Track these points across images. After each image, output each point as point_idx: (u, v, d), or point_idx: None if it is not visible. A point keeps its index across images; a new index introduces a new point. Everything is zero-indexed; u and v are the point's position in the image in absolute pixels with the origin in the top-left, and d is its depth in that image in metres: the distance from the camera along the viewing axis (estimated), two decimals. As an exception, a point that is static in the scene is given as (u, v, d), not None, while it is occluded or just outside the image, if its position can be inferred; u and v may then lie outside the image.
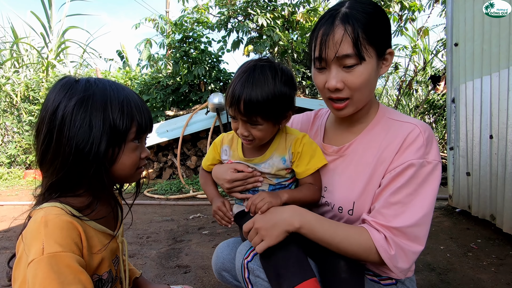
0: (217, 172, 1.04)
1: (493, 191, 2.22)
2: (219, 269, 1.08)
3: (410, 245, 0.77)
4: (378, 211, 0.80)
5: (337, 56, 0.79)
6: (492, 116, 2.22)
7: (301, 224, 0.79)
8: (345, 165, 0.92)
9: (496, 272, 1.68)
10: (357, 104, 0.86)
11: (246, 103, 0.83)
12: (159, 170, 5.33)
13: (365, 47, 0.78)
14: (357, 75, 0.80)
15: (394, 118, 0.90)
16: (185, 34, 5.92)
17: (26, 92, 6.94)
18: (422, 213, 0.77)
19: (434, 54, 7.04)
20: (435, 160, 0.81)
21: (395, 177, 0.80)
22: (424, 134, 0.82)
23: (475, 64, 2.43)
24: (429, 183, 0.79)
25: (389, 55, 0.86)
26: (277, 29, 5.32)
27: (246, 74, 0.85)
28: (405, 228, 0.76)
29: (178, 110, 5.97)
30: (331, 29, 0.79)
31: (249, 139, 0.90)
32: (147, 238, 2.47)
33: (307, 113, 1.14)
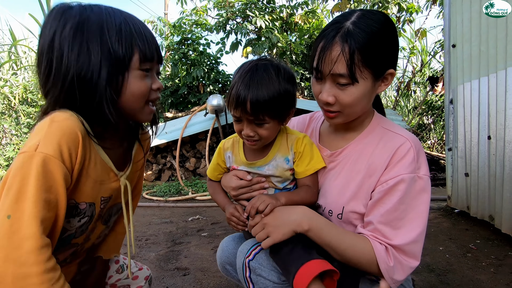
0: (224, 180, 1.05)
1: (491, 191, 2.23)
2: (223, 263, 1.08)
3: (408, 261, 0.80)
4: (376, 228, 0.81)
5: (331, 73, 0.80)
6: (490, 117, 2.23)
7: (310, 227, 0.81)
8: (337, 170, 0.94)
9: (495, 272, 1.68)
10: (348, 117, 0.88)
11: (253, 103, 0.82)
12: (158, 172, 5.32)
13: (360, 69, 0.78)
14: (348, 94, 0.81)
15: (387, 128, 0.91)
16: (184, 36, 5.93)
17: (24, 95, 6.93)
18: (419, 230, 0.80)
19: (432, 55, 7.08)
20: (426, 175, 0.83)
21: (388, 192, 0.81)
22: (415, 149, 0.83)
23: (473, 65, 2.44)
24: (422, 199, 0.81)
25: (390, 76, 0.85)
26: (275, 31, 5.34)
27: (249, 74, 0.85)
28: (404, 245, 0.79)
29: (177, 111, 5.97)
30: (330, 44, 0.79)
31: (255, 140, 0.90)
32: (146, 240, 2.46)
33: (303, 116, 1.16)
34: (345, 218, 0.89)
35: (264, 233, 0.81)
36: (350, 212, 0.88)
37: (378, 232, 0.80)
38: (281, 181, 0.98)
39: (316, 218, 0.83)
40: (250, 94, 0.82)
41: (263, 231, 0.82)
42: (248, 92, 0.82)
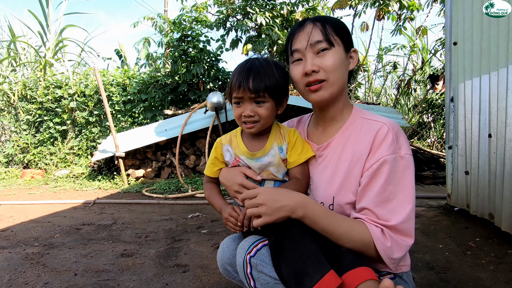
0: (226, 175, 1.06)
1: (491, 190, 2.22)
2: (224, 264, 1.09)
3: (404, 239, 0.83)
4: (370, 210, 0.84)
5: (310, 44, 0.91)
6: (491, 115, 2.23)
7: (304, 214, 0.83)
8: (325, 163, 0.99)
9: (495, 270, 1.68)
10: (332, 87, 0.93)
11: (255, 81, 0.92)
12: (158, 169, 5.31)
13: (333, 36, 0.91)
14: (329, 58, 0.91)
15: (366, 117, 0.97)
16: (184, 33, 5.91)
17: (23, 91, 6.91)
18: (409, 207, 0.83)
19: (433, 53, 7.06)
20: (407, 153, 0.87)
21: (374, 175, 0.85)
22: (393, 130, 0.88)
23: (474, 63, 2.43)
24: (407, 177, 0.85)
25: (354, 53, 0.98)
26: (276, 28, 5.32)
27: (249, 63, 0.96)
28: (399, 224, 0.82)
29: (177, 109, 5.96)
30: (303, 26, 0.94)
31: (254, 120, 0.95)
32: (145, 237, 2.46)
33: (292, 120, 1.22)
34: (336, 208, 0.92)
35: (256, 212, 0.84)
36: (341, 201, 0.91)
37: (372, 215, 0.84)
38: (280, 171, 1.02)
39: (312, 206, 0.85)
40: (252, 74, 0.93)
41: (257, 210, 0.84)
42: (250, 73, 0.93)
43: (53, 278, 1.73)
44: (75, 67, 9.33)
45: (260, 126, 0.99)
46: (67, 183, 5.35)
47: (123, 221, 2.94)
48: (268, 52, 5.75)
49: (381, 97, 9.02)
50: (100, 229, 2.71)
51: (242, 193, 0.99)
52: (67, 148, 6.74)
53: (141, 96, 6.49)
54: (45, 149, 6.75)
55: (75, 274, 1.78)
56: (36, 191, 4.73)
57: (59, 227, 2.77)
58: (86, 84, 6.83)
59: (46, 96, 6.80)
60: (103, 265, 1.90)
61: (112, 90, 6.65)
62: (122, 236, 2.49)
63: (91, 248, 2.23)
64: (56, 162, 6.63)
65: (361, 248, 0.82)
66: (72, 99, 6.72)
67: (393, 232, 0.82)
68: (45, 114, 6.89)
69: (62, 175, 6.04)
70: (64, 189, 4.90)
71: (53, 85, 6.83)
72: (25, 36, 8.82)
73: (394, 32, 6.41)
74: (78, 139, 6.79)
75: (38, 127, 7.00)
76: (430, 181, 4.57)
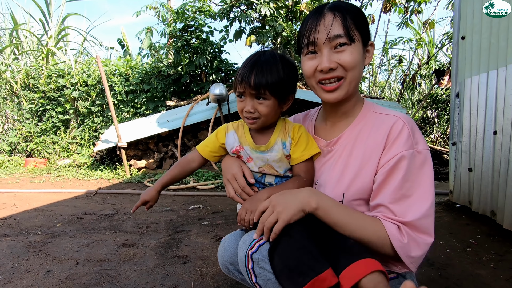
0: (227, 161, 1.05)
1: (494, 187, 2.21)
2: (225, 262, 1.07)
3: (422, 237, 0.78)
4: (386, 207, 0.80)
5: (328, 37, 0.84)
6: (497, 111, 2.19)
7: (318, 204, 0.80)
8: (335, 159, 0.95)
9: (495, 268, 1.68)
10: (349, 85, 0.89)
11: (256, 77, 0.89)
12: (160, 161, 5.33)
13: (354, 30, 0.85)
14: (348, 54, 0.85)
15: (378, 111, 0.93)
16: (187, 23, 5.84)
17: (26, 80, 6.89)
18: (428, 204, 0.79)
19: (439, 47, 6.94)
20: (425, 148, 0.83)
21: (391, 171, 0.81)
22: (408, 125, 0.84)
23: (482, 58, 2.38)
24: (425, 173, 0.81)
25: (371, 47, 0.92)
26: (280, 19, 5.23)
27: (255, 58, 0.94)
28: (416, 221, 0.78)
29: (179, 100, 5.94)
30: (321, 16, 0.86)
31: (254, 117, 0.94)
32: (147, 228, 2.48)
33: (298, 114, 1.18)
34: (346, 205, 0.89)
35: (273, 217, 0.80)
36: (351, 198, 0.88)
37: (388, 212, 0.80)
38: (282, 167, 1.00)
39: (324, 197, 0.83)
40: (255, 70, 0.91)
41: (273, 215, 0.80)
42: (253, 69, 0.91)
43: (55, 267, 1.75)
44: (77, 56, 9.29)
45: (261, 123, 0.96)
46: (69, 172, 5.39)
47: (125, 211, 2.96)
48: (272, 44, 5.67)
49: (385, 91, 8.93)
50: (102, 219, 2.73)
51: (231, 183, 0.99)
52: (70, 137, 6.76)
53: (143, 86, 6.46)
54: (48, 138, 6.78)
55: (76, 263, 1.80)
56: (39, 180, 4.77)
57: (61, 216, 2.79)
58: (88, 73, 6.80)
59: (48, 85, 6.79)
60: (105, 255, 1.92)
61: (114, 80, 6.63)
62: (124, 226, 2.51)
63: (92, 237, 2.25)
64: (58, 151, 6.66)
65: (377, 243, 0.77)
66: (74, 88, 6.70)
67: (410, 229, 0.77)
68: (47, 103, 6.89)
69: (65, 164, 6.08)
70: (66, 178, 4.93)
71: (55, 74, 6.81)
72: (27, 23, 8.76)
73: (401, 25, 6.30)
74: (80, 129, 6.80)
75: (40, 116, 7.01)
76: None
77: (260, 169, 1.01)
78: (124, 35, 9.03)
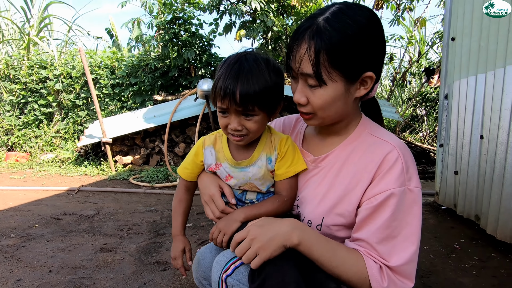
0: (204, 180, 0.97)
1: (479, 191, 2.20)
2: (199, 277, 1.02)
3: (403, 282, 0.74)
4: (370, 245, 0.75)
5: (300, 72, 0.77)
6: (484, 116, 2.18)
7: (300, 240, 0.74)
8: (320, 177, 0.88)
9: (477, 275, 1.68)
10: (323, 120, 0.82)
11: (243, 92, 0.77)
12: (146, 157, 5.21)
13: (327, 70, 0.73)
14: (317, 97, 0.77)
15: (374, 134, 0.85)
16: (175, 15, 5.66)
17: (6, 70, 6.60)
18: (413, 248, 0.74)
19: (430, 45, 6.95)
20: (417, 187, 0.77)
21: (378, 208, 0.75)
22: (403, 158, 0.77)
23: (471, 61, 2.36)
24: (414, 213, 0.75)
25: (369, 79, 0.78)
26: (271, 14, 5.12)
27: (237, 64, 0.80)
28: (399, 266, 0.73)
29: (167, 94, 5.79)
30: (300, 41, 0.75)
31: (242, 134, 0.84)
32: (128, 230, 2.40)
33: (289, 116, 1.09)
34: (324, 230, 0.83)
35: (252, 252, 0.73)
36: (330, 224, 0.82)
37: (372, 250, 0.75)
38: (265, 184, 0.92)
39: (307, 231, 0.77)
40: (240, 83, 0.77)
41: (251, 249, 0.73)
42: (238, 81, 0.77)
43: (26, 275, 1.66)
44: (62, 46, 8.95)
45: (249, 139, 0.87)
46: (52, 168, 5.22)
47: (107, 211, 2.87)
48: (263, 38, 5.57)
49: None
50: (82, 219, 2.63)
51: (208, 205, 0.93)
52: (53, 131, 6.55)
53: (130, 79, 6.28)
54: (30, 132, 6.55)
55: (50, 270, 1.72)
56: (19, 176, 4.60)
57: (39, 217, 2.68)
58: (72, 65, 6.56)
59: (30, 77, 6.53)
60: (80, 261, 1.84)
61: (99, 72, 6.41)
62: (104, 228, 2.42)
63: (70, 241, 2.16)
64: (41, 145, 6.45)
65: (357, 282, 0.74)
66: (57, 80, 6.46)
67: (393, 272, 0.74)
68: (29, 95, 6.64)
69: (48, 159, 5.89)
70: (48, 174, 4.77)
71: (37, 65, 6.54)
72: (7, 11, 8.36)
73: (393, 22, 6.26)
74: (64, 122, 6.58)
75: (22, 108, 6.75)
76: (419, 176, 4.58)
77: (241, 187, 0.94)
78: (113, 24, 8.74)
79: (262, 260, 0.71)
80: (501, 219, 1.94)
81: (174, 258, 1.02)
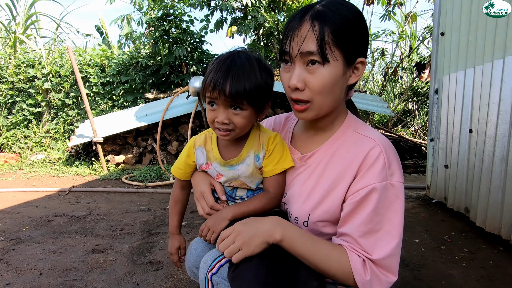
0: (196, 178, 1.00)
1: (469, 185, 2.24)
2: (191, 266, 1.04)
3: (387, 275, 0.75)
4: (354, 239, 0.77)
5: (300, 52, 0.76)
6: (473, 110, 2.20)
7: (282, 237, 0.76)
8: (306, 175, 0.89)
9: (467, 267, 1.71)
10: (318, 110, 0.81)
11: (233, 85, 0.79)
12: (139, 156, 5.15)
13: (331, 48, 0.74)
14: (318, 77, 0.76)
15: (358, 131, 0.86)
16: (165, 12, 5.58)
17: (-9, 70, 6.43)
18: (395, 242, 0.75)
19: (421, 40, 7.00)
20: (399, 182, 0.78)
21: (360, 202, 0.77)
22: (385, 153, 0.78)
23: (460, 56, 2.38)
24: (396, 208, 0.77)
25: (361, 64, 0.81)
26: (262, 10, 5.08)
27: (229, 60, 0.82)
28: (382, 259, 0.74)
29: (159, 92, 5.73)
30: (299, 23, 0.76)
31: (228, 129, 0.85)
32: (120, 230, 2.38)
33: (279, 116, 1.11)
34: (311, 227, 0.85)
35: (235, 247, 0.75)
36: (316, 220, 0.84)
37: (355, 244, 0.77)
38: (254, 181, 0.94)
39: (290, 228, 0.78)
40: (230, 76, 0.79)
41: (234, 244, 0.75)
42: (228, 75, 0.79)
43: (16, 278, 1.64)
44: (50, 44, 8.77)
45: (235, 135, 0.88)
46: (42, 169, 5.13)
47: (99, 212, 2.84)
48: (255, 35, 5.54)
49: (368, 83, 9.00)
50: (73, 221, 2.60)
51: (200, 202, 0.96)
52: (43, 131, 6.43)
53: (120, 78, 6.19)
54: (19, 132, 6.41)
55: (40, 273, 1.69)
56: (8, 177, 4.51)
57: (29, 219, 2.64)
58: (61, 63, 6.43)
59: (17, 76, 6.38)
60: (72, 263, 1.82)
61: (89, 71, 6.30)
62: (96, 229, 2.39)
63: (61, 243, 2.13)
64: (31, 146, 6.33)
65: (341, 277, 0.75)
66: (46, 79, 6.33)
67: (376, 266, 0.75)
68: (17, 94, 6.49)
69: (38, 159, 5.79)
70: (39, 175, 4.70)
71: (24, 64, 6.40)
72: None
73: (384, 17, 6.28)
74: (54, 122, 6.47)
75: (10, 108, 6.60)
76: (411, 169, 4.64)
77: (231, 184, 0.95)
78: (103, 21, 8.56)
79: (243, 255, 0.74)
80: (489, 211, 1.98)
81: (170, 253, 1.09)
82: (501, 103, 1.89)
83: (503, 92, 1.87)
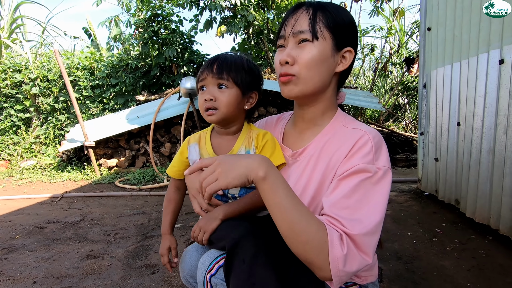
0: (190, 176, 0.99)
1: (458, 177, 2.29)
2: (186, 276, 1.02)
3: (361, 255, 0.71)
4: (331, 215, 0.73)
5: (292, 32, 0.82)
6: (460, 103, 2.25)
7: (266, 175, 0.68)
8: (299, 171, 0.90)
9: (458, 258, 1.75)
10: (303, 85, 0.83)
11: (220, 63, 0.91)
12: (132, 158, 5.11)
13: (321, 28, 0.81)
14: (307, 51, 0.81)
15: (348, 126, 0.88)
16: (154, 12, 5.52)
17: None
18: (375, 221, 0.72)
19: (409, 35, 7.08)
20: (385, 166, 0.77)
21: (342, 180, 0.76)
22: (373, 140, 0.79)
23: (447, 50, 2.42)
24: (379, 190, 0.75)
25: (349, 53, 0.86)
26: (251, 8, 5.07)
27: (219, 54, 0.94)
28: (360, 236, 0.70)
29: (150, 94, 5.69)
30: (295, 10, 0.85)
31: (214, 107, 0.91)
32: (115, 235, 2.36)
33: (271, 117, 1.12)
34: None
35: (213, 177, 0.69)
36: None
37: (333, 219, 0.72)
38: None
39: (276, 170, 0.72)
40: (219, 59, 0.92)
41: (213, 174, 0.70)
42: (217, 59, 0.93)
43: (9, 288, 1.62)
44: (37, 48, 8.60)
45: (221, 114, 0.91)
46: (33, 175, 5.05)
47: (92, 217, 2.81)
48: (245, 34, 5.52)
49: (359, 79, 9.07)
50: (67, 227, 2.57)
51: (196, 198, 0.95)
52: (33, 137, 6.32)
53: (110, 80, 6.11)
54: (8, 139, 6.30)
55: (34, 281, 1.68)
56: (-2, 185, 4.43)
57: (21, 227, 2.60)
58: (49, 67, 6.33)
59: (4, 81, 6.26)
60: (66, 270, 1.80)
61: (78, 74, 6.21)
62: (90, 235, 2.37)
63: (54, 250, 2.10)
64: (21, 152, 6.22)
65: (316, 245, 0.67)
66: (34, 84, 6.22)
67: (352, 242, 0.70)
68: (4, 100, 6.37)
69: (28, 166, 5.69)
70: (30, 182, 4.62)
71: (11, 69, 6.27)
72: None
73: (372, 13, 6.34)
74: (44, 127, 6.36)
75: (-3, 115, 6.48)
76: (403, 163, 4.70)
77: None
78: (90, 23, 8.43)
79: (218, 187, 0.68)
80: (478, 202, 2.02)
81: (161, 255, 1.07)
82: (486, 96, 1.93)
83: (488, 85, 1.91)
